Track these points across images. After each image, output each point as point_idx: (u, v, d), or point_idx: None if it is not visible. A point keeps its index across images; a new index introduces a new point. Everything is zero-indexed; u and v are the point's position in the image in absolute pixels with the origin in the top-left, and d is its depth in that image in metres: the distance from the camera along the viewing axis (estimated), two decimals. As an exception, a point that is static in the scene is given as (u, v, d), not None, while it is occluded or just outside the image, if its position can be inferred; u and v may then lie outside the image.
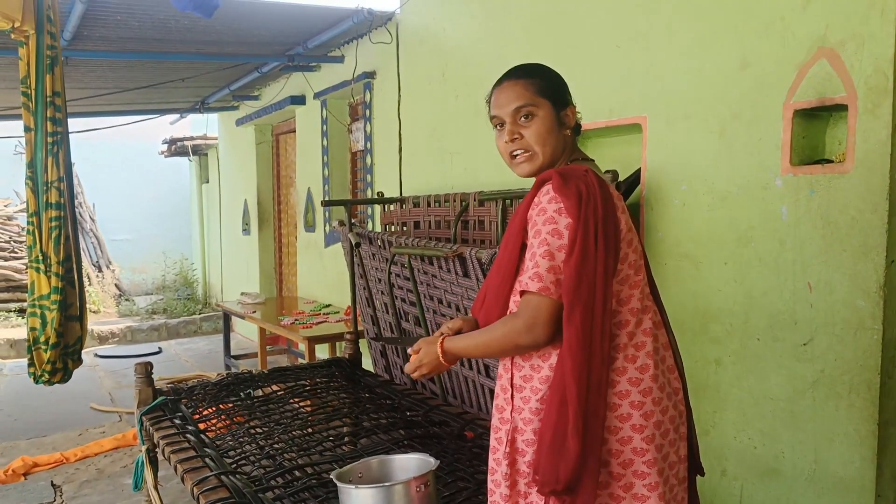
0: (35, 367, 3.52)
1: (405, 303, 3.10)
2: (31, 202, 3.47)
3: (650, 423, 1.35)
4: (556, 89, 1.48)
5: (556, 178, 1.35)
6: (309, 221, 5.66)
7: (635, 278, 1.39)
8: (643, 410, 1.34)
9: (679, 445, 1.42)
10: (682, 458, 1.43)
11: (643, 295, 1.40)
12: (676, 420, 1.41)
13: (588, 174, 1.36)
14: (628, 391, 1.34)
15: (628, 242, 1.38)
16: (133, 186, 10.16)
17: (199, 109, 6.94)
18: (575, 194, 1.32)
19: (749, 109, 2.28)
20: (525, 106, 1.45)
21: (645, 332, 1.38)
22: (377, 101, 4.54)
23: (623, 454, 1.34)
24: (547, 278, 1.31)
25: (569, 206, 1.31)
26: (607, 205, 1.33)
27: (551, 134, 1.44)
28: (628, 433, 1.34)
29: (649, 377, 1.36)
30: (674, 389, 1.43)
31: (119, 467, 3.58)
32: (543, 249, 1.32)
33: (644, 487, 1.34)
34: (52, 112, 3.39)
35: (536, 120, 1.44)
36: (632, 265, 1.39)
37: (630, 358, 1.36)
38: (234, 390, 3.00)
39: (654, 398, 1.36)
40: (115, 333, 7.56)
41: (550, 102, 1.45)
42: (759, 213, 2.27)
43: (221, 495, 1.94)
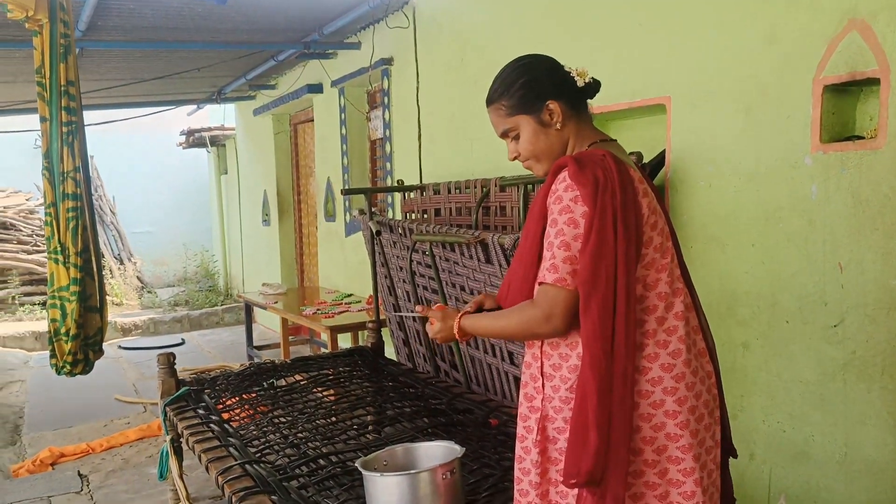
0: (57, 358, 3.56)
1: (427, 290, 3.08)
2: (48, 193, 3.49)
3: (684, 408, 1.32)
4: (524, 100, 1.44)
5: (571, 165, 1.32)
6: (329, 211, 5.66)
7: (662, 261, 1.36)
8: (676, 396, 1.32)
9: (714, 430, 1.40)
10: (718, 443, 1.41)
11: (672, 278, 1.37)
12: (711, 404, 1.39)
13: (605, 159, 1.33)
14: (660, 377, 1.32)
15: (652, 225, 1.35)
16: (152, 179, 10.25)
17: (215, 100, 6.95)
18: (591, 181, 1.29)
19: (776, 86, 2.22)
20: (506, 131, 1.48)
21: (676, 316, 1.35)
22: (395, 87, 4.51)
23: (657, 440, 1.32)
24: (563, 269, 1.30)
25: (585, 195, 1.29)
26: (626, 190, 1.30)
27: (539, 141, 1.45)
28: (661, 419, 1.32)
29: (682, 362, 1.33)
30: (707, 373, 1.41)
31: (144, 457, 3.63)
32: (560, 240, 1.31)
33: (679, 472, 1.32)
34: (67, 101, 3.40)
35: (522, 136, 1.46)
36: (657, 248, 1.36)
37: (661, 343, 1.34)
38: (257, 380, 3.01)
39: (687, 383, 1.33)
40: (137, 325, 7.66)
41: (525, 114, 1.44)
42: (787, 192, 2.22)
43: (246, 484, 1.95)
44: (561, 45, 3.04)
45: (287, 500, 1.84)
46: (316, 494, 1.92)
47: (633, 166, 1.41)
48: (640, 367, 1.32)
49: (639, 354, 1.32)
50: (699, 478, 1.33)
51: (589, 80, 1.47)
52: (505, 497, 1.83)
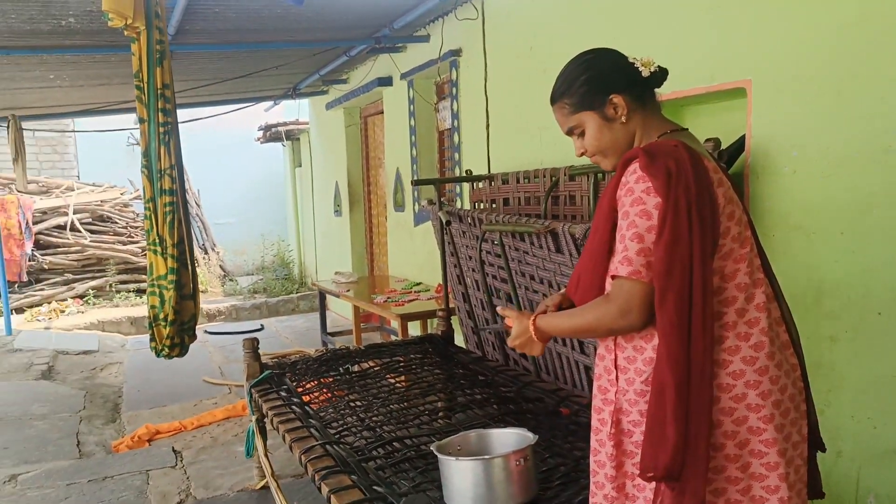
0: (156, 342, 3.81)
1: (496, 280, 3.10)
2: (146, 189, 3.73)
3: (768, 402, 1.29)
4: (586, 96, 1.42)
5: (642, 157, 1.30)
6: (398, 201, 5.76)
7: (740, 252, 1.32)
8: (760, 390, 1.29)
9: (801, 424, 1.36)
10: (804, 437, 1.37)
11: (752, 268, 1.33)
12: (797, 398, 1.35)
13: (678, 149, 1.30)
14: (742, 370, 1.29)
15: (729, 215, 1.32)
16: (232, 172, 10.70)
17: (290, 95, 7.18)
18: (663, 172, 1.26)
19: (869, 66, 2.10)
20: (571, 129, 1.48)
21: (758, 308, 1.32)
22: (463, 78, 4.53)
23: (739, 435, 1.29)
24: (637, 261, 1.28)
25: (657, 186, 1.27)
26: (700, 180, 1.27)
27: (604, 136, 1.43)
28: (744, 413, 1.29)
29: (765, 355, 1.30)
30: (791, 366, 1.37)
31: (231, 436, 3.83)
32: (632, 232, 1.29)
33: (762, 467, 1.30)
34: (163, 104, 3.61)
35: (587, 133, 1.45)
36: (735, 238, 1.32)
37: (742, 336, 1.31)
38: (333, 365, 3.12)
39: (771, 376, 1.30)
40: (221, 311, 8.06)
41: (588, 110, 1.43)
42: (880, 178, 2.10)
43: (327, 463, 2.04)
44: (633, 30, 2.97)
45: (366, 479, 1.91)
46: (392, 476, 1.98)
47: (707, 156, 1.37)
48: (721, 361, 1.29)
49: (718, 347, 1.30)
50: (784, 472, 1.30)
51: (654, 69, 1.44)
52: (577, 487, 1.83)
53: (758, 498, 1.30)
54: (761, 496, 1.30)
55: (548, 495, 1.77)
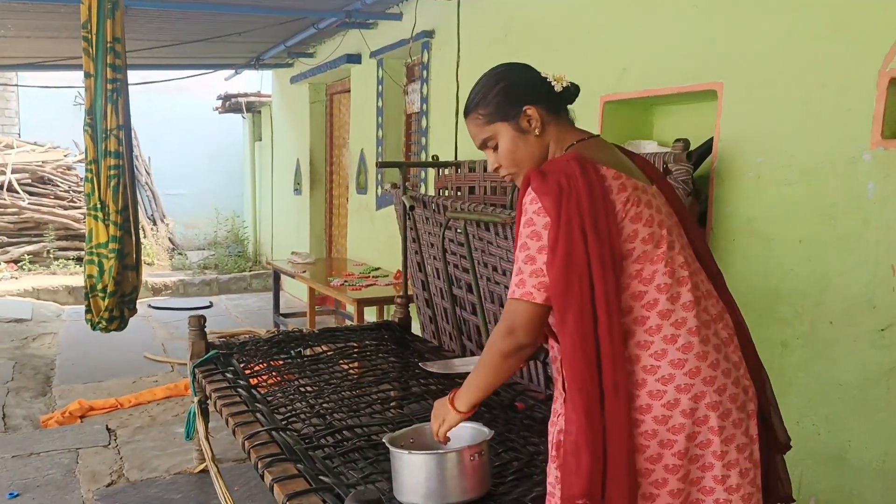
0: (92, 314, 3.61)
1: (458, 269, 3.05)
2: (89, 150, 3.51)
3: (701, 404, 1.26)
4: (501, 107, 1.41)
5: (534, 178, 1.30)
6: (361, 183, 5.65)
7: (655, 252, 1.30)
8: (692, 393, 1.26)
9: (748, 425, 1.32)
10: (753, 438, 1.34)
11: (672, 267, 1.30)
12: (740, 397, 1.31)
13: (570, 163, 1.28)
14: (672, 375, 1.26)
15: (633, 218, 1.29)
16: (187, 142, 10.33)
17: (254, 66, 6.95)
18: (554, 190, 1.26)
19: (839, 77, 2.12)
20: (485, 140, 1.45)
21: (685, 307, 1.29)
22: (435, 61, 4.44)
23: (676, 444, 1.26)
24: (529, 283, 1.27)
25: (547, 205, 1.26)
26: (593, 191, 1.25)
27: (519, 148, 1.41)
28: (679, 420, 1.25)
29: (694, 356, 1.27)
30: (733, 364, 1.33)
31: (171, 416, 3.69)
32: (525, 254, 1.29)
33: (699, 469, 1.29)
34: (113, 58, 3.40)
35: (501, 145, 1.43)
36: (646, 240, 1.29)
37: (669, 339, 1.27)
38: (285, 348, 3.03)
39: (704, 378, 1.27)
40: (167, 286, 7.79)
41: (503, 121, 1.41)
42: (842, 189, 2.13)
43: (272, 451, 1.96)
44: (609, 26, 2.95)
45: (312, 469, 1.84)
46: (341, 465, 1.92)
47: (613, 162, 1.35)
48: (649, 367, 1.27)
49: (645, 353, 1.27)
50: (721, 475, 1.27)
51: (567, 84, 1.43)
52: (531, 483, 1.81)
53: (695, 500, 1.29)
54: (698, 498, 1.29)
55: (501, 490, 1.74)
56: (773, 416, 1.46)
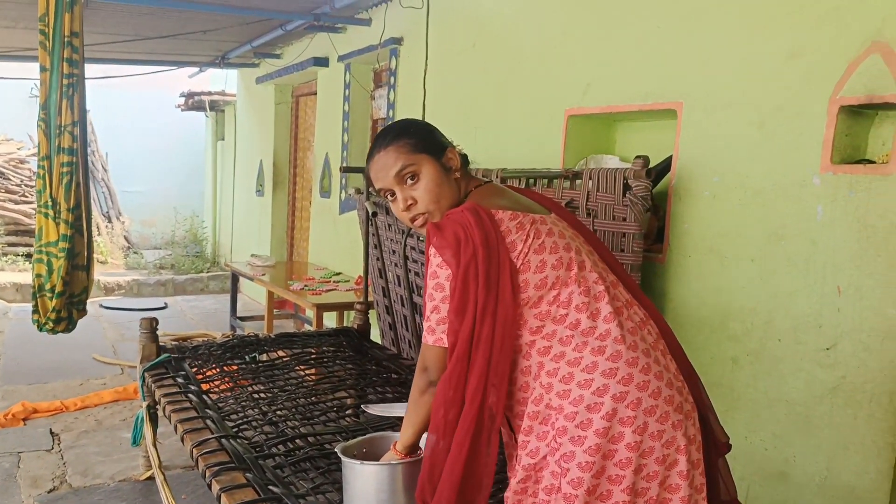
0: (39, 314, 3.49)
1: (419, 276, 3.05)
2: (42, 145, 3.40)
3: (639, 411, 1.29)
4: (430, 139, 1.46)
5: (433, 233, 1.36)
6: (325, 187, 5.60)
7: (567, 275, 1.36)
8: (627, 401, 1.29)
9: (686, 426, 1.33)
10: (691, 439, 1.34)
11: (586, 286, 1.36)
12: (676, 399, 1.33)
13: (464, 214, 1.34)
14: (606, 385, 1.29)
15: (537, 249, 1.35)
16: (148, 138, 10.09)
17: (218, 64, 6.83)
18: (452, 243, 1.32)
19: (793, 102, 2.18)
20: (407, 167, 1.41)
21: (606, 320, 1.34)
22: (403, 68, 4.43)
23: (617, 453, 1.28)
24: (438, 329, 1.36)
25: (447, 258, 1.33)
26: (489, 241, 1.32)
27: (442, 186, 1.43)
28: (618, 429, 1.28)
29: (624, 363, 1.31)
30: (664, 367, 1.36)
31: (118, 420, 3.58)
32: (431, 304, 1.37)
33: (658, 486, 1.30)
34: (70, 53, 3.30)
35: (423, 178, 1.42)
36: (555, 266, 1.35)
37: (597, 350, 1.31)
38: (240, 353, 2.97)
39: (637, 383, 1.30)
40: (121, 285, 7.57)
41: (430, 155, 1.43)
42: (793, 210, 2.19)
43: (221, 459, 1.92)
44: (575, 40, 2.99)
45: (262, 478, 1.81)
46: (291, 475, 1.89)
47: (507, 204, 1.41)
48: (582, 381, 1.30)
49: (576, 369, 1.31)
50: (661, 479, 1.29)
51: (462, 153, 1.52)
52: (483, 494, 1.80)
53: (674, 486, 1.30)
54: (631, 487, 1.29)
55: (452, 503, 1.73)
56: (710, 416, 1.48)
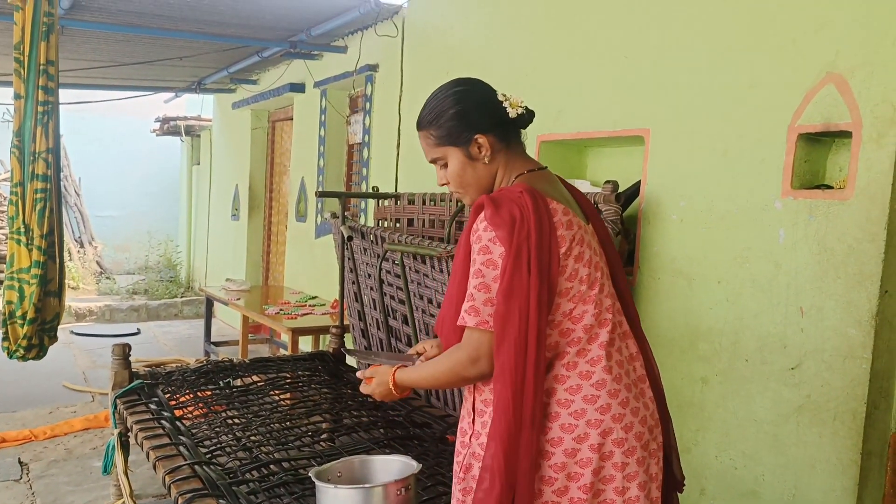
0: (10, 342, 3.43)
1: (394, 300, 3.06)
2: (16, 172, 3.38)
3: (608, 440, 1.31)
4: (453, 131, 1.43)
5: (488, 206, 1.32)
6: (301, 211, 5.60)
7: (589, 293, 1.35)
8: (601, 429, 1.31)
9: (649, 463, 1.36)
10: (652, 476, 1.37)
11: (600, 309, 1.36)
12: (645, 436, 1.36)
13: (522, 196, 1.32)
14: (583, 410, 1.31)
15: (577, 257, 1.34)
16: (122, 163, 10.02)
17: (195, 90, 6.85)
18: (507, 222, 1.29)
19: (754, 130, 2.27)
20: (435, 159, 1.48)
21: (600, 346, 1.34)
22: (378, 94, 4.50)
23: (582, 477, 1.30)
24: (484, 311, 1.30)
25: (501, 236, 1.29)
26: (542, 227, 1.29)
27: (467, 173, 1.44)
28: (587, 455, 1.30)
29: (606, 393, 1.32)
30: (643, 404, 1.38)
31: (89, 448, 3.51)
32: (479, 281, 1.31)
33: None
34: (45, 81, 3.31)
35: (449, 167, 1.46)
36: (583, 280, 1.35)
37: (584, 375, 1.32)
38: (214, 378, 2.94)
39: (613, 415, 1.32)
40: (93, 311, 7.44)
41: (453, 146, 1.43)
42: (756, 234, 2.27)
43: (194, 486, 1.90)
44: (546, 67, 3.07)
45: (235, 505, 1.79)
46: (266, 501, 1.87)
47: (561, 196, 1.40)
48: (563, 401, 1.31)
49: (560, 387, 1.31)
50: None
51: (521, 110, 1.44)
52: (457, 517, 1.80)
53: None
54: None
55: (427, 526, 1.74)
56: (672, 456, 1.50)
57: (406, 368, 1.51)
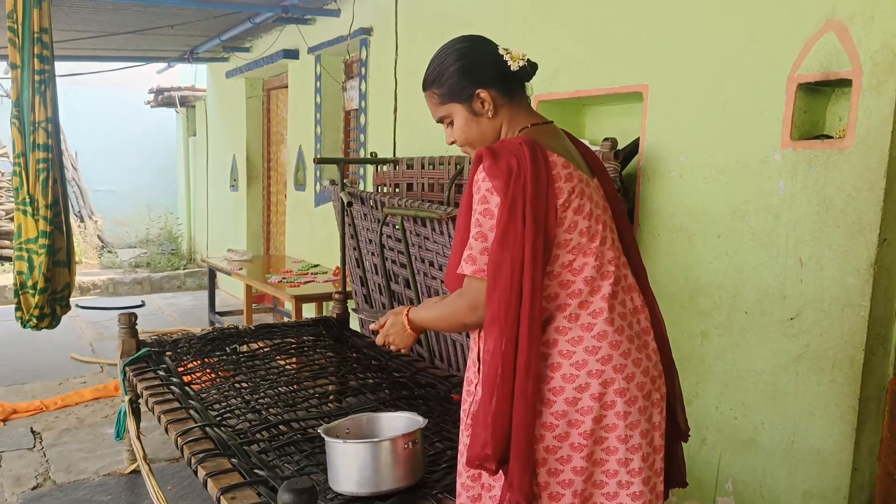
0: (23, 311, 3.49)
1: (395, 264, 3.08)
2: (17, 143, 3.38)
3: (610, 390, 1.33)
4: (455, 88, 1.44)
5: (486, 157, 1.33)
6: (299, 180, 5.59)
7: (589, 246, 1.36)
8: (602, 378, 1.33)
9: (651, 412, 1.39)
10: (656, 426, 1.40)
11: (601, 262, 1.37)
12: (647, 386, 1.38)
13: (521, 147, 1.32)
14: (585, 360, 1.33)
15: (576, 210, 1.34)
16: (118, 136, 9.94)
17: (187, 59, 6.76)
18: (504, 172, 1.30)
19: (753, 83, 2.25)
20: (441, 118, 1.51)
21: (603, 298, 1.35)
22: (373, 58, 4.44)
23: (583, 424, 1.32)
24: (480, 260, 1.32)
25: (498, 186, 1.30)
26: (539, 178, 1.30)
27: (472, 129, 1.46)
28: (588, 403, 1.32)
29: (608, 344, 1.33)
30: (646, 356, 1.40)
31: (100, 417, 3.57)
32: (476, 231, 1.33)
33: (603, 452, 1.35)
34: (40, 49, 3.28)
35: (455, 123, 1.48)
36: (583, 233, 1.35)
37: (586, 326, 1.34)
38: (220, 345, 2.98)
39: (615, 365, 1.34)
40: (97, 285, 7.48)
41: (456, 102, 1.45)
42: (755, 187, 2.27)
43: (206, 446, 1.94)
44: (542, 27, 3.03)
45: (247, 463, 1.84)
46: (276, 459, 1.92)
47: (562, 151, 1.40)
48: (565, 352, 1.33)
49: (562, 338, 1.33)
50: (624, 458, 1.33)
51: (523, 63, 1.45)
52: (464, 469, 1.85)
53: (599, 482, 1.35)
54: (602, 480, 1.35)
55: (434, 478, 1.78)
56: (677, 407, 1.53)
57: (418, 307, 1.54)
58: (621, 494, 1.34)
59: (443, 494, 1.65)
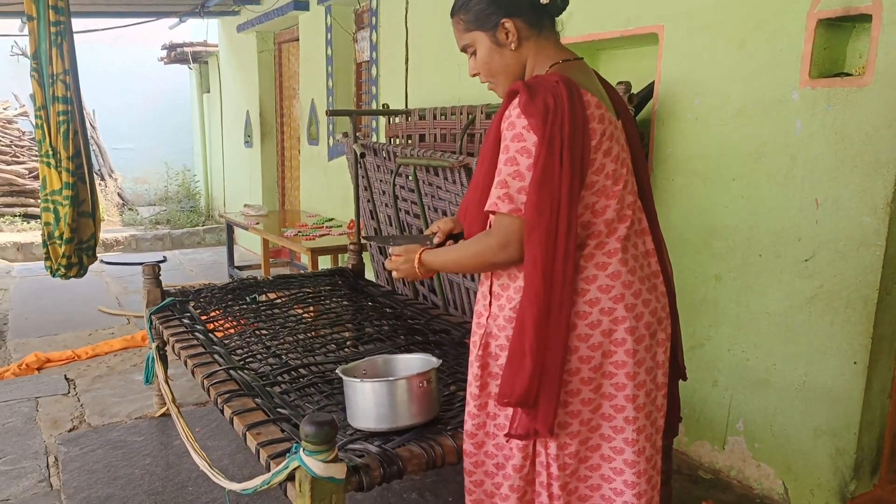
0: (51, 260, 3.60)
1: (409, 214, 3.10)
2: (37, 95, 3.42)
3: (621, 327, 1.36)
4: (480, 15, 1.41)
5: (522, 93, 1.30)
6: (312, 134, 5.58)
7: (613, 188, 1.36)
8: (613, 316, 1.35)
9: (657, 351, 1.42)
10: (659, 364, 1.44)
11: (622, 205, 1.37)
12: (654, 325, 1.41)
13: (558, 85, 1.29)
14: (598, 298, 1.35)
15: (605, 152, 1.34)
16: (133, 94, 9.96)
17: (198, 13, 6.69)
18: (541, 110, 1.27)
19: (772, 19, 2.20)
20: (465, 46, 1.47)
21: (618, 240, 1.37)
22: (384, 8, 4.37)
23: (593, 360, 1.36)
24: (518, 199, 1.30)
25: (534, 124, 1.27)
26: (576, 117, 1.28)
27: (494, 60, 1.43)
28: (598, 339, 1.35)
29: (621, 283, 1.36)
30: (655, 297, 1.42)
31: (129, 365, 3.69)
32: (513, 169, 1.30)
33: (612, 386, 1.38)
34: (55, 0, 3.29)
35: (478, 53, 1.45)
36: (609, 175, 1.35)
37: (601, 265, 1.36)
38: (240, 295, 3.05)
39: (626, 304, 1.36)
40: (119, 241, 7.62)
41: (480, 30, 1.42)
42: (772, 127, 2.24)
43: (231, 388, 2.02)
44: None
45: (270, 402, 1.91)
46: (297, 399, 1.99)
47: (595, 89, 1.38)
48: (579, 289, 1.34)
49: (578, 277, 1.34)
50: (632, 394, 1.37)
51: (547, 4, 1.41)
52: (478, 407, 1.90)
53: (607, 415, 1.39)
54: (610, 414, 1.39)
55: (448, 416, 1.84)
56: (677, 348, 1.56)
57: (433, 250, 1.54)
58: (627, 430, 1.38)
59: (455, 430, 1.71)
